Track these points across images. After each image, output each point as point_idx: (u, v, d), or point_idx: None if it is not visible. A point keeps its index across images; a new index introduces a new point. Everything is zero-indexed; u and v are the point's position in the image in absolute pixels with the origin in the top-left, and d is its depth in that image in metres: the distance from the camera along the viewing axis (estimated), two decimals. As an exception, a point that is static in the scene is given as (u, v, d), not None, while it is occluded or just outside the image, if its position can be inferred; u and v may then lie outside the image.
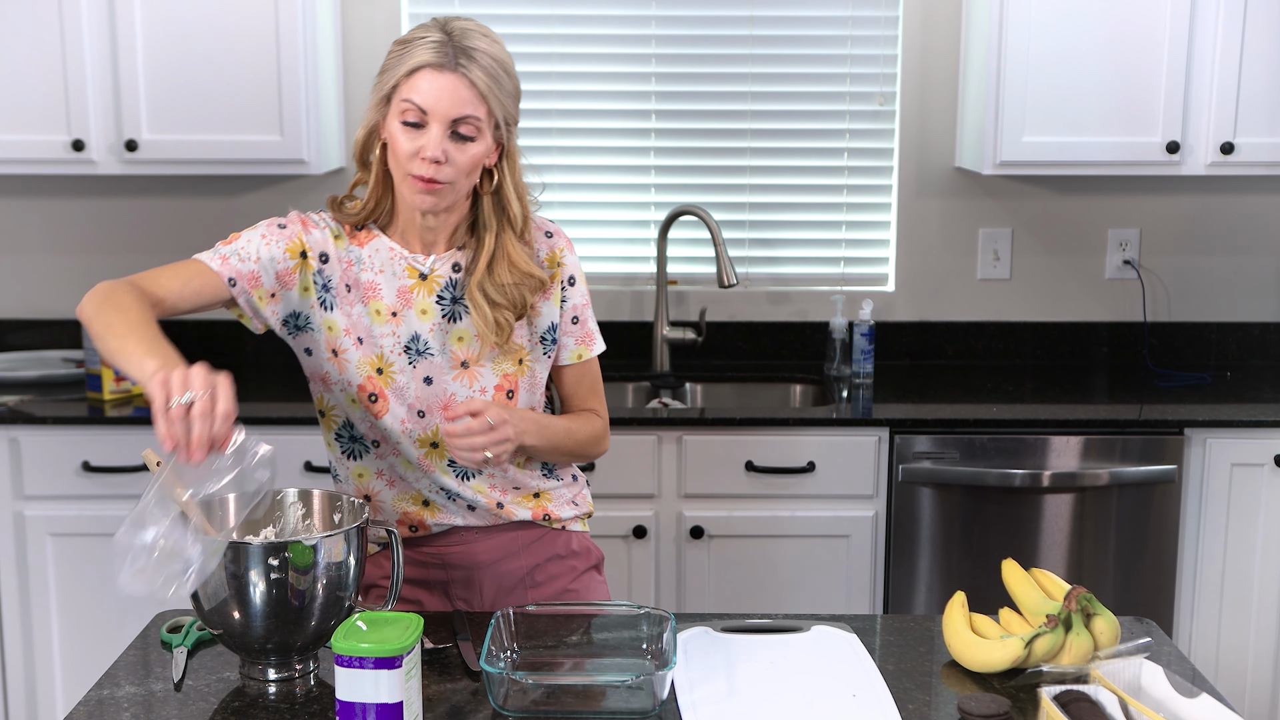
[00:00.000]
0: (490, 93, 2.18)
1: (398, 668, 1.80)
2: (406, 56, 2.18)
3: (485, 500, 2.38)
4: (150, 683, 2.07)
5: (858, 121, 4.19)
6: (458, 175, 2.20)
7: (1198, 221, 4.23)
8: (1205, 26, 3.74)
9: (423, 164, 2.17)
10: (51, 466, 3.60)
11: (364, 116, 2.29)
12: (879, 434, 3.62)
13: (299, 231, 2.29)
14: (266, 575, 1.97)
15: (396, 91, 2.19)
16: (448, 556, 2.42)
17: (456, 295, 2.30)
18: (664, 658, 2.02)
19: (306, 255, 2.28)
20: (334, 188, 4.15)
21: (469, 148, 2.19)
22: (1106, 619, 2.10)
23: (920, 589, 3.67)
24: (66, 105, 3.74)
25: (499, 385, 2.33)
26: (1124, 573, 3.65)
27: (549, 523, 2.44)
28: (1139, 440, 3.59)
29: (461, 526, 2.40)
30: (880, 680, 2.06)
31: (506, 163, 2.28)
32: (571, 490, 2.49)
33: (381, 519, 2.31)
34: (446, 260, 2.31)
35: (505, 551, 2.43)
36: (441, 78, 2.15)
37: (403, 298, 2.30)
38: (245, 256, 2.25)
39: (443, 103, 2.16)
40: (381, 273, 2.30)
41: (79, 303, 2.13)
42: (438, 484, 2.36)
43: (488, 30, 2.24)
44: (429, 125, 2.17)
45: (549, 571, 2.45)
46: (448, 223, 2.29)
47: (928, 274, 4.26)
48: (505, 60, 2.23)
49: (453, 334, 2.31)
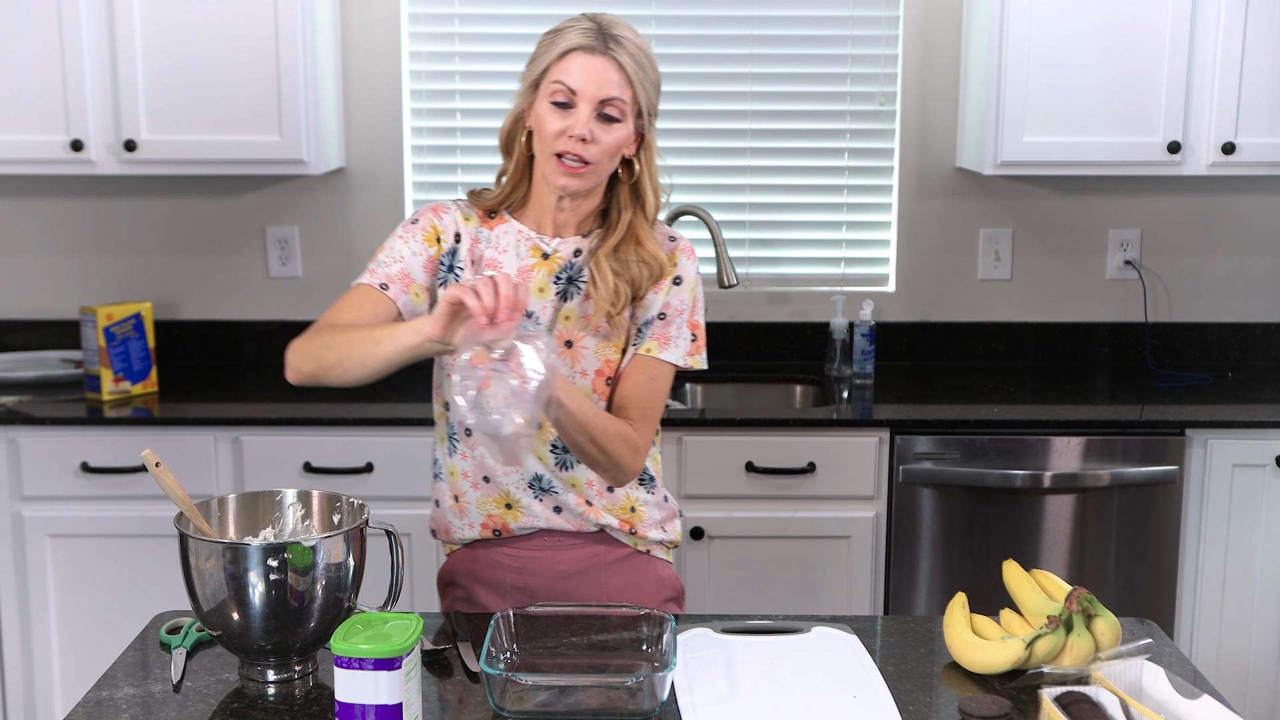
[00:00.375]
0: (636, 78, 2.27)
1: (397, 669, 1.79)
2: (558, 41, 2.28)
3: (575, 497, 2.38)
4: (149, 684, 2.07)
5: (858, 121, 4.18)
6: (601, 156, 2.26)
7: (1199, 222, 4.22)
8: (1206, 26, 3.74)
9: (569, 141, 2.24)
10: (50, 467, 3.59)
11: (513, 103, 2.36)
12: (879, 435, 3.61)
13: (431, 219, 2.37)
14: (266, 576, 1.97)
15: (546, 75, 2.27)
16: (529, 562, 2.43)
17: (572, 275, 2.35)
18: (664, 659, 2.01)
19: (441, 240, 2.36)
20: (333, 188, 4.15)
21: (614, 129, 2.26)
22: (1107, 620, 2.09)
23: (921, 590, 3.66)
24: (65, 105, 3.73)
25: (599, 370, 2.36)
26: (1125, 574, 3.63)
27: (633, 539, 2.44)
28: (1140, 441, 3.58)
29: (545, 529, 2.40)
30: (881, 681, 2.06)
31: (644, 154, 2.35)
32: (662, 513, 2.49)
33: (466, 521, 2.40)
34: (570, 244, 2.37)
35: (586, 565, 2.43)
36: (592, 59, 2.24)
37: (522, 275, 2.35)
38: (391, 260, 2.33)
39: (591, 83, 2.24)
40: (505, 252, 2.36)
41: (289, 366, 2.23)
42: (529, 475, 2.37)
43: (631, 26, 2.34)
44: (577, 105, 2.24)
45: (628, 596, 2.44)
46: (581, 208, 2.36)
47: (928, 274, 4.25)
48: (649, 52, 2.32)
49: (561, 312, 2.35)
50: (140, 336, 3.80)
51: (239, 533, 2.17)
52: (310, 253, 4.20)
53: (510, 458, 2.01)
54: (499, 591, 2.44)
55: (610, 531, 2.43)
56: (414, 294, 2.32)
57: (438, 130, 4.18)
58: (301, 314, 4.20)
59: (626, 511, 2.43)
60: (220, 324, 4.21)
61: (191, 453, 3.58)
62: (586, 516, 2.40)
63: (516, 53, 4.06)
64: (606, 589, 2.44)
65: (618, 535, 2.44)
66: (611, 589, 2.44)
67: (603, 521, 2.41)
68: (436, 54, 4.13)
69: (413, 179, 4.20)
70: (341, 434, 3.59)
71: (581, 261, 2.36)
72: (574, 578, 2.43)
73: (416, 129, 4.18)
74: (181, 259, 4.20)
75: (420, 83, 4.15)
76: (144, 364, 3.82)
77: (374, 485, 3.58)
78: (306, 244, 4.20)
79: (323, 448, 3.59)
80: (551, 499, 2.39)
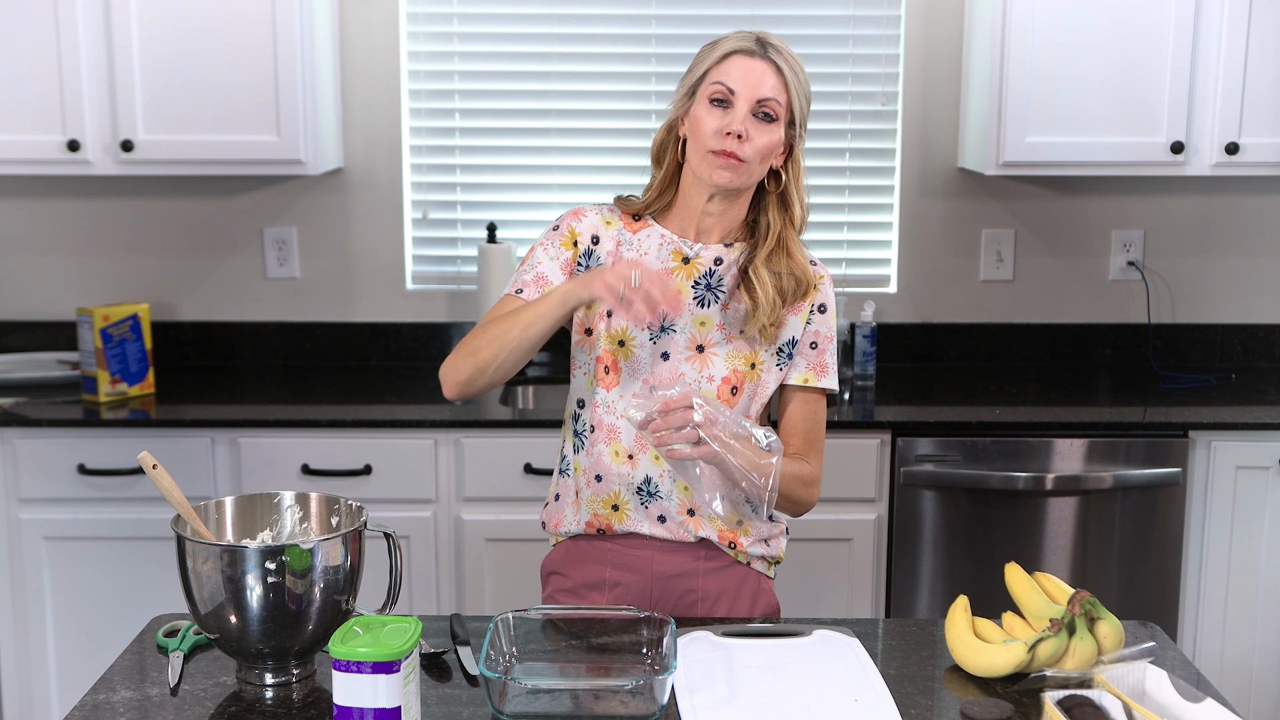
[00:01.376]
0: (792, 84, 2.34)
1: (396, 672, 1.79)
2: (718, 47, 2.36)
3: (679, 502, 2.39)
4: (146, 687, 2.07)
5: (859, 121, 4.17)
6: (754, 156, 2.31)
7: (1202, 222, 4.21)
8: (1210, 25, 3.73)
9: (726, 139, 2.29)
10: (46, 469, 3.57)
11: (668, 112, 2.42)
12: (881, 437, 3.59)
13: (569, 223, 2.44)
14: (263, 579, 1.97)
15: (706, 78, 2.34)
16: (628, 560, 2.44)
17: (711, 283, 2.39)
18: (664, 662, 2.01)
19: (578, 243, 2.43)
20: (331, 188, 4.15)
21: (768, 130, 2.31)
22: (1110, 623, 2.09)
23: (923, 593, 3.65)
24: (61, 105, 3.72)
25: (726, 378, 2.39)
26: (1128, 576, 3.63)
27: (735, 551, 2.44)
28: (1143, 443, 3.57)
29: (646, 535, 2.43)
30: (882, 685, 2.06)
31: (792, 166, 2.40)
32: (768, 530, 2.48)
33: (577, 517, 2.44)
34: (712, 251, 2.40)
35: (685, 569, 2.44)
36: (751, 62, 2.33)
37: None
38: (530, 266, 2.42)
39: (749, 84, 2.31)
40: (646, 255, 2.41)
41: (445, 382, 2.35)
42: (639, 479, 2.39)
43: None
44: (735, 104, 2.31)
45: (724, 603, 2.45)
46: (727, 215, 2.40)
47: (930, 275, 4.23)
48: (801, 65, 2.38)
49: (696, 317, 2.39)
50: (137, 338, 3.79)
51: (237, 535, 2.16)
52: (308, 253, 4.19)
53: (691, 482, 2.23)
54: (598, 587, 2.46)
55: (711, 542, 2.43)
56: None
57: (436, 130, 4.16)
58: (300, 315, 4.20)
59: (732, 524, 2.43)
60: (218, 325, 4.20)
61: (189, 455, 3.56)
62: (687, 526, 2.41)
63: (516, 52, 4.11)
64: (704, 592, 2.44)
65: (718, 546, 2.44)
66: (709, 593, 2.45)
67: (702, 533, 2.42)
68: (435, 53, 4.12)
69: (411, 179, 4.19)
70: (340, 436, 3.57)
71: (723, 270, 2.39)
72: (673, 579, 2.44)
73: (415, 129, 4.16)
74: (179, 260, 4.19)
75: (419, 82, 4.13)
76: (141, 365, 3.80)
77: (373, 487, 3.57)
78: (304, 245, 4.18)
79: (321, 450, 3.58)
80: (657, 506, 2.40)
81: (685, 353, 2.38)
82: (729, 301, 2.39)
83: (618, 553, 2.44)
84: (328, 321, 4.22)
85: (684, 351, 2.38)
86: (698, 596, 2.44)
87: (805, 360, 2.43)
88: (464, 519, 3.59)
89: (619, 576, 2.45)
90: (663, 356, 2.38)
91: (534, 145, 4.16)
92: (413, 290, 4.22)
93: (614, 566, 2.45)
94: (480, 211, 4.18)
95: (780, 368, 2.42)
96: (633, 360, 2.38)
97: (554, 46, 4.11)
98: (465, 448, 3.56)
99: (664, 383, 2.33)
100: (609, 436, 2.39)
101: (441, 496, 3.59)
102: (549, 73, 4.13)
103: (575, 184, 4.19)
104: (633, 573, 2.44)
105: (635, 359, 2.38)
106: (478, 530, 3.59)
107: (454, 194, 4.19)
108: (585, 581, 2.47)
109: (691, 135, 2.34)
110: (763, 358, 2.40)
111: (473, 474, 3.58)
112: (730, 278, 2.39)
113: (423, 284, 4.23)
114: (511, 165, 4.18)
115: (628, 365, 2.38)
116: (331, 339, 4.22)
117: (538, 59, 4.12)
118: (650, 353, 2.38)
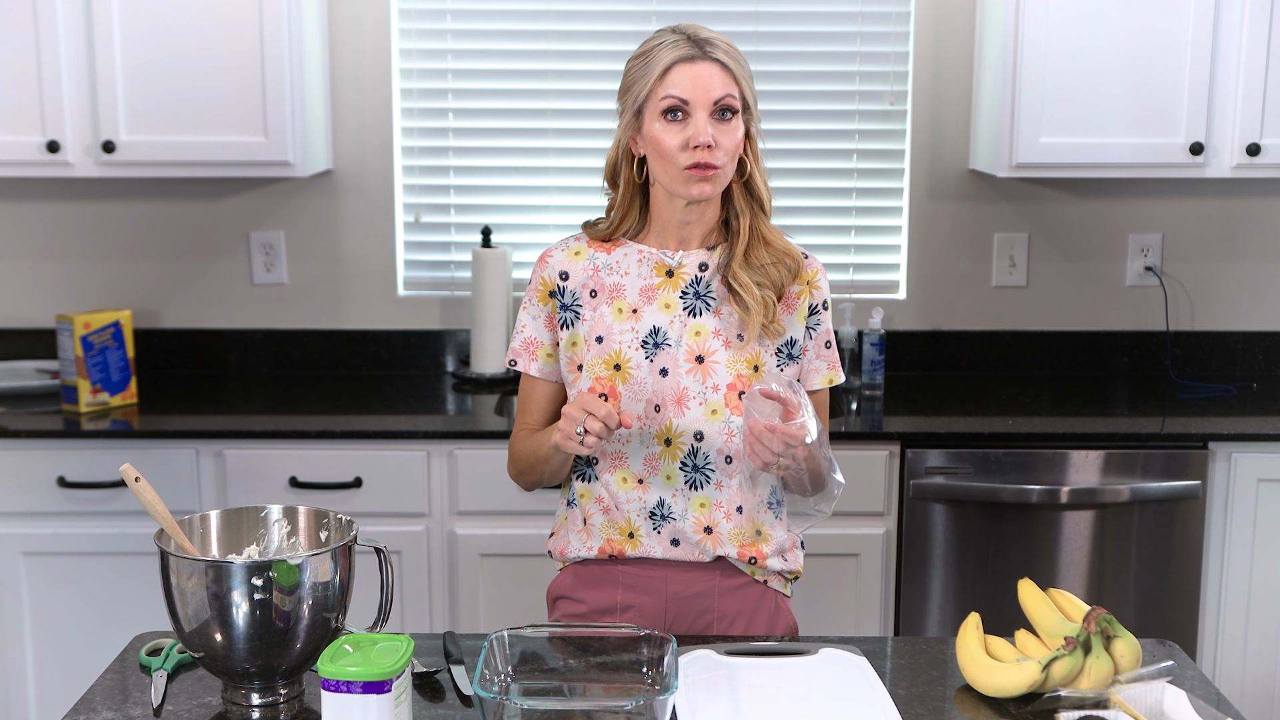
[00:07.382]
0: (737, 72, 2.33)
1: (387, 693, 1.80)
2: (651, 62, 2.32)
3: (695, 522, 2.39)
4: (128, 708, 2.07)
5: (868, 122, 4.15)
6: (727, 158, 2.31)
7: (1222, 226, 4.20)
8: (1230, 23, 3.72)
9: (695, 152, 2.28)
10: (25, 482, 3.56)
11: (616, 138, 2.41)
12: (890, 448, 3.58)
13: (539, 274, 2.46)
14: (250, 595, 1.97)
15: (651, 96, 2.32)
16: (642, 581, 2.44)
17: (700, 291, 2.40)
18: (665, 682, 2.00)
19: (554, 293, 2.44)
20: (320, 191, 4.15)
21: (731, 127, 2.31)
22: (1127, 641, 2.09)
23: (933, 610, 3.62)
24: (41, 104, 3.70)
25: (731, 384, 2.37)
26: (1146, 593, 3.60)
27: (753, 567, 2.43)
28: (1161, 455, 3.56)
29: (660, 559, 2.43)
30: (891, 705, 2.05)
31: (751, 149, 2.39)
32: (787, 540, 2.48)
33: (588, 544, 2.44)
34: (695, 258, 2.41)
35: (700, 589, 2.43)
36: (695, 67, 2.30)
37: (646, 295, 2.41)
38: (518, 331, 2.48)
39: (699, 88, 2.29)
40: (627, 275, 2.42)
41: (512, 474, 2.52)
42: (651, 503, 2.40)
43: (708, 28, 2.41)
44: (692, 114, 2.29)
45: (741, 622, 2.45)
46: (705, 218, 2.40)
47: (940, 281, 4.22)
48: (734, 44, 2.37)
49: (690, 328, 2.39)
50: (119, 346, 3.77)
51: (222, 550, 2.17)
52: (296, 258, 4.17)
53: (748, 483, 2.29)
54: (610, 611, 2.46)
55: (729, 560, 2.43)
56: (543, 357, 2.44)
57: (429, 131, 4.15)
58: (286, 323, 4.19)
59: (751, 535, 2.42)
60: (202, 333, 4.19)
61: (173, 467, 3.54)
62: (703, 546, 2.40)
63: (511, 50, 4.12)
64: (721, 613, 2.44)
65: (736, 564, 2.43)
66: (726, 614, 2.44)
67: (720, 552, 2.41)
68: (428, 52, 4.11)
69: (403, 181, 4.17)
70: (329, 447, 3.55)
71: (708, 276, 2.40)
72: (689, 600, 2.44)
73: (407, 130, 4.15)
74: (162, 265, 4.18)
75: (411, 81, 4.12)
76: (123, 374, 3.78)
77: (363, 501, 3.55)
78: (292, 249, 4.17)
79: (309, 462, 3.56)
80: (670, 529, 2.40)
81: (685, 365, 2.37)
82: (720, 307, 2.39)
83: (630, 575, 2.44)
84: (316, 329, 4.21)
85: (684, 365, 2.38)
86: (714, 617, 2.43)
87: (825, 362, 2.47)
88: (458, 533, 3.56)
89: (632, 599, 2.44)
90: (661, 373, 2.37)
91: (530, 146, 4.15)
92: (405, 296, 4.20)
93: (627, 589, 2.44)
94: (474, 215, 4.17)
95: (781, 368, 2.41)
96: (631, 383, 2.37)
97: (550, 44, 4.10)
98: (459, 459, 3.54)
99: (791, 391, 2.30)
100: (614, 464, 2.40)
101: (434, 510, 3.57)
102: (545, 71, 4.11)
103: (572, 186, 4.17)
104: (647, 594, 2.43)
105: (634, 380, 2.37)
106: (472, 545, 3.57)
107: (447, 196, 4.18)
108: (597, 606, 2.46)
109: (655, 155, 2.33)
110: (765, 359, 2.40)
111: (467, 487, 3.55)
112: (718, 282, 2.40)
113: (415, 290, 4.22)
114: (507, 167, 4.16)
115: (626, 388, 2.38)
116: (320, 347, 4.20)
117: (533, 57, 4.11)
118: (648, 371, 2.37)
